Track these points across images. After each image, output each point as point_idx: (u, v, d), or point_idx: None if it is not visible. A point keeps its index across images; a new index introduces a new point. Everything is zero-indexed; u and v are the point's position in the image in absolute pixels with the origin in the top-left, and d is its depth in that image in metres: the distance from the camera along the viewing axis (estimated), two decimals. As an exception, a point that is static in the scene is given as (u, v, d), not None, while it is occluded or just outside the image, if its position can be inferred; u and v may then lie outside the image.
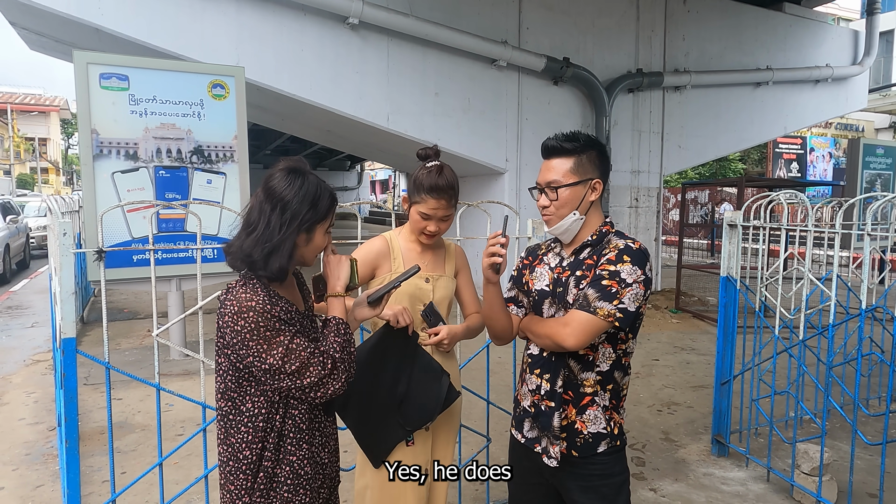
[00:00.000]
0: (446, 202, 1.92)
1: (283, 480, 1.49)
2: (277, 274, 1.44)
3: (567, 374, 1.68)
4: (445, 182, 1.90)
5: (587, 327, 1.56)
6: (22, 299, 9.19)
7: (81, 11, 5.84)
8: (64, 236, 2.09)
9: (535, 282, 1.79)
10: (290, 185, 1.45)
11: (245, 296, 1.40)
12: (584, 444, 1.67)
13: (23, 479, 3.49)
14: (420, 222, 1.95)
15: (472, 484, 3.32)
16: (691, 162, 10.48)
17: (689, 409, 4.65)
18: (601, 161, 1.71)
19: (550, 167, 1.70)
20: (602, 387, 1.68)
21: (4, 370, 5.57)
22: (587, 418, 1.68)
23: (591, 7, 8.74)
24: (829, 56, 11.29)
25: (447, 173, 1.92)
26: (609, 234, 1.71)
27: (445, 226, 1.98)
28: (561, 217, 1.69)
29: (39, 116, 39.45)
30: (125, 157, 5.11)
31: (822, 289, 3.38)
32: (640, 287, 1.59)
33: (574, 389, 1.68)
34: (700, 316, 7.98)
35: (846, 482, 3.09)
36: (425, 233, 1.96)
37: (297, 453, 1.50)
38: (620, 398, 1.73)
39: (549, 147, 1.71)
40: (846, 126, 25.24)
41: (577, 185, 1.67)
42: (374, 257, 2.00)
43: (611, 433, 1.69)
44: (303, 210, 1.45)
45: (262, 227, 1.43)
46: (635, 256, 1.60)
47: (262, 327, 1.38)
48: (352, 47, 7.13)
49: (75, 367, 2.18)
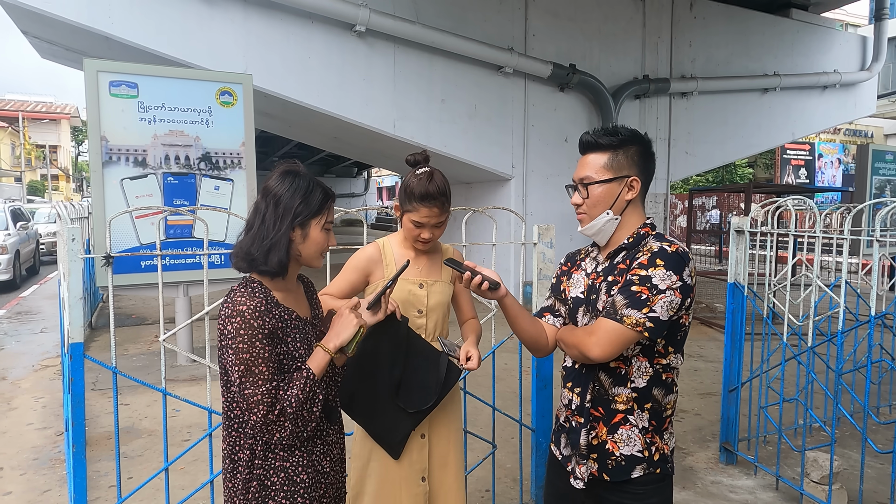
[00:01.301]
0: (439, 209, 1.86)
1: (279, 488, 1.47)
2: (277, 268, 1.45)
3: (597, 388, 1.56)
4: (436, 189, 1.84)
5: (612, 337, 1.44)
6: (31, 305, 9.25)
7: (92, 20, 5.91)
8: (73, 242, 2.10)
9: (571, 289, 1.67)
10: (282, 182, 1.49)
11: (239, 299, 1.41)
12: (616, 468, 1.53)
13: (30, 484, 3.50)
14: (413, 230, 1.90)
15: (478, 489, 3.31)
16: (698, 168, 10.46)
17: (697, 416, 4.62)
18: (642, 158, 1.57)
19: (585, 163, 1.59)
20: (639, 405, 1.52)
21: (14, 375, 5.61)
22: (619, 438, 1.53)
23: (598, 13, 8.76)
24: (837, 62, 11.25)
25: (438, 179, 1.86)
26: (647, 236, 1.56)
27: (439, 232, 1.93)
28: (593, 217, 1.57)
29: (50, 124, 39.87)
30: (134, 163, 5.15)
31: (830, 295, 3.35)
32: (676, 294, 1.44)
33: (605, 406, 1.55)
34: (708, 322, 7.94)
35: (856, 491, 3.05)
36: (419, 240, 1.92)
37: (291, 460, 1.48)
38: (663, 420, 1.55)
39: (585, 142, 1.59)
40: (855, 132, 25.11)
41: (611, 182, 1.54)
42: (365, 264, 1.97)
43: (649, 458, 1.52)
44: (294, 204, 1.47)
45: (258, 224, 1.47)
46: (670, 260, 1.45)
47: (241, 336, 1.38)
48: (358, 54, 7.17)
49: (83, 371, 2.19)
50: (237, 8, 6.52)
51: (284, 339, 1.47)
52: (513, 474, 3.46)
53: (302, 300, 1.62)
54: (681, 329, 1.53)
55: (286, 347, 1.47)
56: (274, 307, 1.46)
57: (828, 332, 3.77)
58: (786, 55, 10.65)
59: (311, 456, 1.52)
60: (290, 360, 1.48)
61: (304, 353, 1.51)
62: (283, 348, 1.47)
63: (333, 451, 1.60)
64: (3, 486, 3.47)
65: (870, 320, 2.99)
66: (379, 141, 8.07)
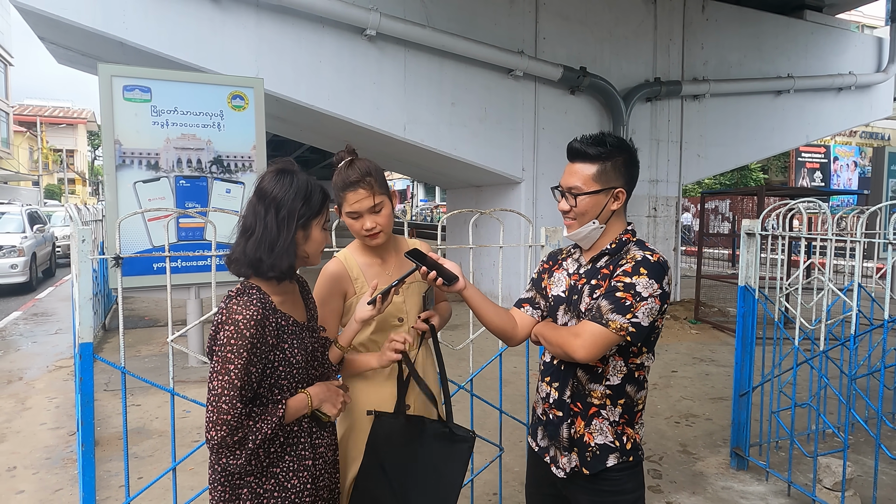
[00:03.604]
0: (365, 191, 1.72)
1: (270, 494, 1.47)
2: (287, 272, 1.45)
3: (575, 384, 1.65)
4: (356, 172, 1.72)
5: (598, 340, 1.52)
6: (47, 306, 9.38)
7: (107, 26, 6.00)
8: (83, 243, 2.13)
9: (552, 287, 1.75)
10: (279, 184, 1.47)
11: (235, 307, 1.40)
12: (592, 458, 1.63)
13: (42, 483, 3.54)
14: (354, 224, 1.77)
15: (485, 492, 3.30)
16: (711, 171, 10.37)
17: (708, 421, 4.57)
18: (627, 168, 1.63)
19: (573, 171, 1.64)
20: (612, 401, 1.63)
21: (28, 375, 5.69)
22: (594, 429, 1.63)
23: (608, 16, 8.73)
24: (852, 63, 11.12)
25: (358, 164, 1.75)
26: (629, 242, 1.65)
27: (383, 219, 1.77)
28: (580, 224, 1.65)
29: (67, 128, 40.50)
30: (147, 166, 5.21)
31: (843, 299, 3.31)
32: (656, 301, 1.53)
33: (582, 400, 1.64)
34: (720, 327, 7.86)
35: (870, 498, 3.00)
36: (364, 233, 1.77)
37: (281, 465, 1.48)
38: (634, 413, 1.67)
39: (574, 150, 1.64)
40: (871, 134, 24.81)
41: (599, 193, 1.61)
42: (333, 285, 1.81)
43: (621, 448, 1.63)
44: (297, 206, 1.46)
45: (261, 230, 1.44)
46: (652, 269, 1.54)
47: (231, 345, 1.37)
48: (369, 58, 7.21)
49: (92, 371, 2.21)
50: (249, 13, 6.59)
51: (281, 346, 1.46)
52: (520, 478, 3.44)
53: (298, 302, 1.61)
54: (654, 331, 1.62)
55: (282, 354, 1.47)
56: (272, 314, 1.45)
57: (841, 337, 3.73)
58: (800, 57, 10.54)
59: (303, 460, 1.51)
60: (286, 367, 1.48)
61: (300, 358, 1.50)
62: (280, 354, 1.46)
63: (327, 453, 1.60)
64: (16, 485, 3.52)
65: (884, 324, 2.95)
66: (390, 145, 8.09)
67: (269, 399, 1.47)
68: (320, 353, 1.65)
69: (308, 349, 1.54)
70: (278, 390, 1.48)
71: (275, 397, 1.48)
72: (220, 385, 1.36)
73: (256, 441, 1.38)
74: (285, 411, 1.45)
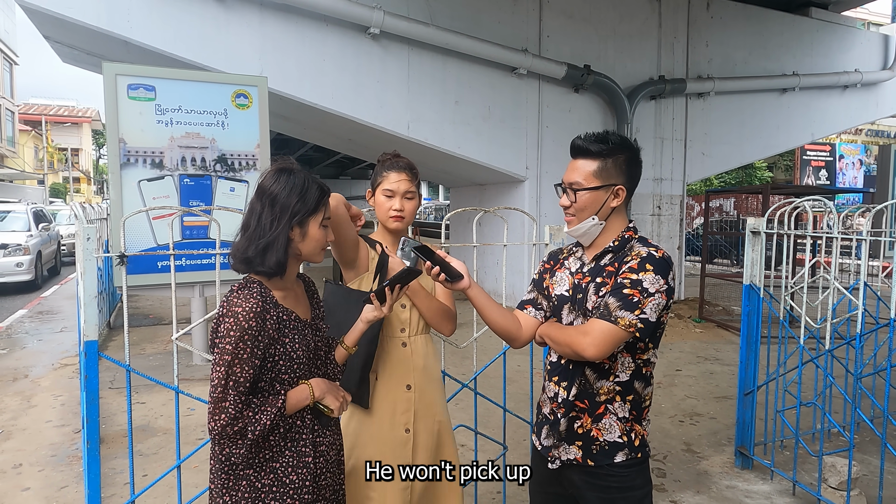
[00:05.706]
0: (407, 175, 1.93)
1: (269, 489, 1.47)
2: (275, 268, 1.45)
3: (583, 382, 1.65)
4: (404, 161, 1.96)
5: (608, 337, 1.52)
6: (52, 305, 9.42)
7: (112, 25, 6.01)
8: (88, 241, 2.14)
9: (555, 286, 1.75)
10: (276, 181, 1.48)
11: (236, 300, 1.42)
12: (599, 452, 1.63)
13: (48, 480, 3.56)
14: (385, 203, 1.92)
15: (489, 490, 3.30)
16: (715, 169, 10.34)
17: (713, 419, 4.56)
18: (629, 166, 1.65)
19: (575, 167, 1.66)
20: (622, 397, 1.64)
21: (34, 373, 5.71)
22: (603, 426, 1.64)
23: (613, 14, 8.71)
24: (858, 61, 11.06)
25: (404, 158, 1.98)
26: (632, 240, 1.66)
27: (410, 206, 1.94)
28: (580, 220, 1.66)
29: (72, 127, 40.60)
30: (151, 165, 5.22)
31: (849, 298, 3.29)
32: (663, 297, 1.55)
33: (589, 398, 1.65)
34: (724, 325, 7.84)
35: (875, 497, 2.99)
36: (392, 213, 1.91)
37: (280, 460, 1.48)
38: (642, 409, 1.68)
39: (576, 146, 1.66)
40: (877, 132, 24.65)
41: (599, 189, 1.62)
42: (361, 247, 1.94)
43: (629, 444, 1.64)
44: (291, 202, 1.46)
45: (255, 225, 1.46)
46: (658, 265, 1.56)
47: (230, 336, 1.38)
48: (373, 57, 7.21)
49: (97, 369, 2.22)
50: (253, 12, 6.59)
51: (282, 340, 1.47)
52: (524, 476, 3.44)
53: (302, 299, 1.61)
54: (660, 327, 1.63)
55: (283, 348, 1.47)
56: (272, 308, 1.46)
57: (847, 335, 3.71)
58: (805, 55, 10.49)
59: (303, 457, 1.51)
60: (287, 361, 1.48)
61: (301, 354, 1.50)
62: (280, 348, 1.47)
63: (329, 452, 1.59)
64: (22, 482, 3.54)
65: (890, 323, 2.93)
66: (393, 143, 8.09)
67: (269, 393, 1.47)
68: (324, 351, 1.64)
69: (310, 346, 1.54)
70: (279, 384, 1.48)
71: (275, 391, 1.48)
72: (220, 376, 1.38)
73: (256, 431, 1.39)
74: (286, 402, 1.46)
